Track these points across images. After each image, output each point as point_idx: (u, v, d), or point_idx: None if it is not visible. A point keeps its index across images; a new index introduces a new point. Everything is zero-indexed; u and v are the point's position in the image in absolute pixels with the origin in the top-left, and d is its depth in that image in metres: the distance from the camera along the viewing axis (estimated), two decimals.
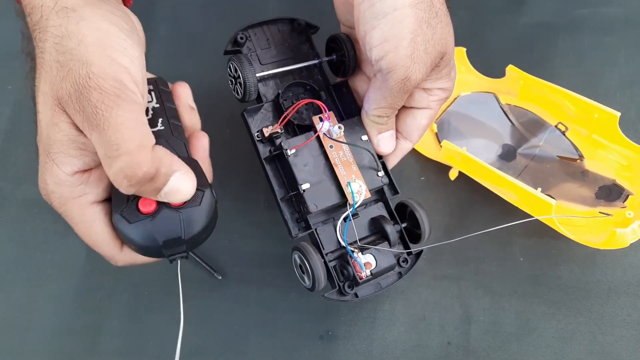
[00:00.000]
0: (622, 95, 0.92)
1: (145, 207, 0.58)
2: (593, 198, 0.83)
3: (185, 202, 0.59)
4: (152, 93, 0.66)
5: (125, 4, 0.68)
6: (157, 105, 0.66)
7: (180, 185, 0.57)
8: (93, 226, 0.61)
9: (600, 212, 0.81)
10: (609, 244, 0.75)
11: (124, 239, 0.60)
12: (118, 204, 0.59)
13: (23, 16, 0.63)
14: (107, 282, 0.84)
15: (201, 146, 0.69)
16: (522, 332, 0.80)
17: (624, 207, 0.80)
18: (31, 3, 0.59)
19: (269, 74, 0.76)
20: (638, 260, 0.83)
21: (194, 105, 0.72)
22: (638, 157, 0.84)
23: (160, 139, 0.63)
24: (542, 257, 0.84)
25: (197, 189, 0.59)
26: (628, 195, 0.81)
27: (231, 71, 0.74)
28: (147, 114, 0.64)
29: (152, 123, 0.64)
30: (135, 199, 0.59)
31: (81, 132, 0.56)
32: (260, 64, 0.77)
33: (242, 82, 0.72)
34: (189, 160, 0.63)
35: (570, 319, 0.81)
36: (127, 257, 0.64)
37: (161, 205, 0.58)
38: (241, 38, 0.76)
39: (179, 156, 0.60)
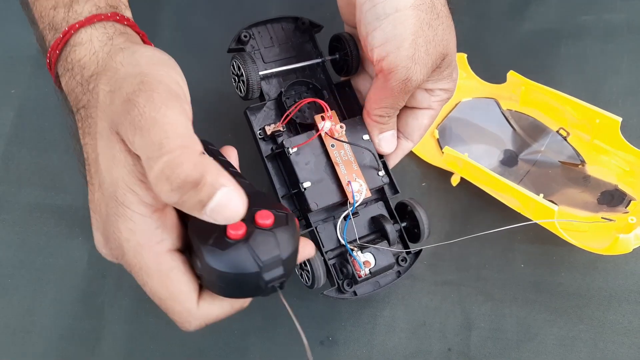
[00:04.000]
0: (625, 102, 0.93)
1: (236, 230, 0.53)
2: (595, 203, 0.83)
3: (274, 224, 0.55)
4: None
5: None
6: (212, 157, 0.60)
7: (228, 201, 0.50)
8: (170, 275, 0.56)
9: (602, 218, 0.80)
10: (611, 250, 0.75)
11: (212, 278, 0.55)
12: (202, 239, 0.55)
13: (59, 87, 0.65)
14: (108, 286, 0.84)
15: None
16: (523, 339, 0.80)
17: (627, 212, 0.80)
18: (83, 59, 0.60)
19: (272, 72, 0.77)
20: (639, 267, 0.83)
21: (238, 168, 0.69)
22: None
23: None
24: (543, 264, 0.83)
25: (279, 212, 0.57)
26: (630, 201, 0.81)
27: (234, 69, 0.74)
28: None
29: None
30: (221, 228, 0.54)
31: (137, 157, 0.53)
32: (264, 62, 0.78)
33: (245, 80, 0.72)
34: (259, 192, 0.60)
35: (571, 325, 0.80)
36: (203, 312, 0.58)
37: (251, 227, 0.54)
38: (245, 36, 0.77)
39: (250, 191, 0.55)
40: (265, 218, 0.55)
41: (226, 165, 0.65)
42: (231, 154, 0.70)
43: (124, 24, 0.63)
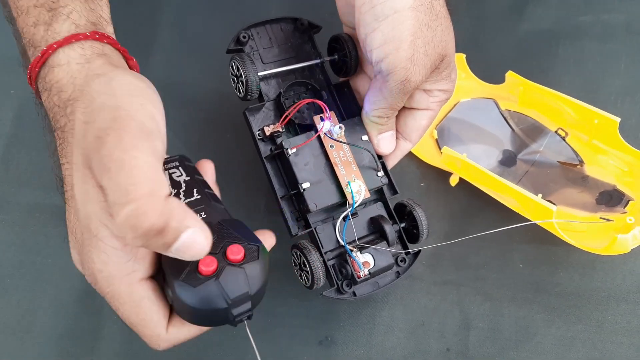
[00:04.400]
0: (623, 102, 0.93)
1: (207, 267, 0.55)
2: (594, 203, 0.83)
3: (244, 258, 0.57)
4: (180, 168, 0.65)
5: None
6: (188, 178, 0.65)
7: (192, 242, 0.52)
8: (141, 304, 0.58)
9: (601, 218, 0.80)
10: (609, 250, 0.75)
11: (183, 309, 0.57)
12: (174, 272, 0.56)
13: (40, 101, 0.64)
14: None
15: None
16: (521, 339, 0.80)
17: (625, 212, 0.80)
18: (60, 81, 0.60)
19: (270, 73, 0.77)
20: (638, 267, 0.83)
21: (216, 184, 0.70)
22: (638, 163, 0.84)
23: (200, 205, 0.62)
24: (541, 264, 0.84)
25: (251, 244, 0.59)
26: (629, 201, 0.81)
27: (233, 70, 0.74)
28: (180, 187, 0.63)
29: (188, 194, 0.63)
30: (193, 263, 0.56)
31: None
32: (263, 62, 0.78)
33: (243, 81, 0.72)
34: (233, 220, 0.62)
35: (569, 325, 0.80)
36: (172, 336, 0.60)
37: (222, 263, 0.56)
38: (244, 37, 0.77)
39: (223, 219, 0.61)
40: (236, 253, 0.57)
41: (202, 185, 0.65)
42: (208, 169, 0.69)
43: (103, 42, 0.63)
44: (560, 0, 1.01)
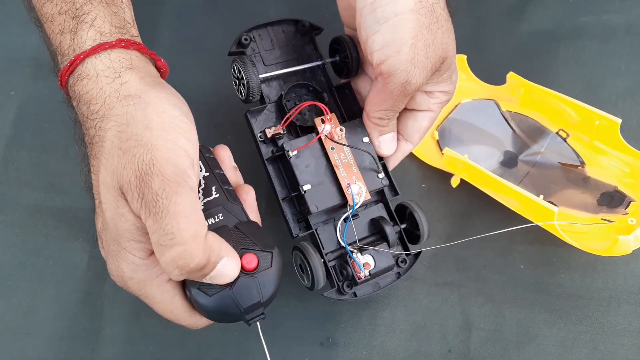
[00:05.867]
0: (624, 103, 0.93)
1: None
2: (595, 205, 0.83)
3: (258, 266, 0.60)
4: (200, 163, 0.67)
5: (162, 77, 0.69)
6: (207, 173, 0.66)
7: (225, 270, 0.58)
8: (173, 302, 0.62)
9: (602, 219, 0.80)
10: (611, 251, 0.75)
11: (200, 311, 0.61)
12: (190, 280, 0.60)
13: (71, 104, 0.65)
14: (108, 288, 0.83)
15: (250, 199, 0.69)
16: (523, 340, 0.80)
17: (626, 213, 0.80)
18: (89, 92, 0.60)
19: (272, 75, 0.77)
20: (639, 269, 0.83)
21: (235, 165, 0.72)
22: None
23: (217, 206, 0.64)
24: (543, 265, 0.84)
25: (265, 251, 0.62)
26: (630, 202, 0.81)
27: (235, 72, 0.74)
28: (199, 185, 0.65)
29: (207, 192, 0.65)
30: None
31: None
32: (264, 65, 0.78)
33: (245, 83, 0.72)
34: (248, 223, 0.64)
35: (570, 327, 0.80)
36: (207, 320, 0.65)
37: None
38: (245, 39, 0.77)
39: (239, 222, 0.64)
40: (250, 262, 0.60)
41: (220, 182, 0.67)
42: (224, 155, 0.71)
43: (129, 49, 0.63)
44: (561, 1, 1.01)
